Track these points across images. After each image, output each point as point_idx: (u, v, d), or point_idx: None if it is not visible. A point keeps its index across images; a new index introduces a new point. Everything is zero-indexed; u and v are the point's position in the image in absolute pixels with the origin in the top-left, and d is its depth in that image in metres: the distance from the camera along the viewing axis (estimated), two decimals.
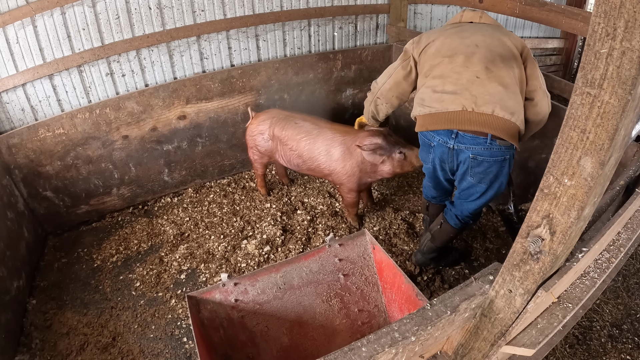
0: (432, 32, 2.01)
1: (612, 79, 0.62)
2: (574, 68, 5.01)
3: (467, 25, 1.97)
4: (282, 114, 2.56)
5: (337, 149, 2.35)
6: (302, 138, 2.42)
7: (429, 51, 1.92)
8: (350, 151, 2.33)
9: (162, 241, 2.59)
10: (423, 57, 1.95)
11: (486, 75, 1.71)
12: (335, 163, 2.37)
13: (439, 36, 1.92)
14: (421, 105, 1.86)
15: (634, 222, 1.34)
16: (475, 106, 1.69)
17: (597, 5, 0.61)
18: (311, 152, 2.41)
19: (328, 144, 2.37)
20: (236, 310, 1.69)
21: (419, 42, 2.00)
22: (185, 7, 2.57)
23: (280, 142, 2.52)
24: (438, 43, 1.90)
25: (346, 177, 2.37)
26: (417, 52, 1.98)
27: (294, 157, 2.50)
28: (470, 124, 1.69)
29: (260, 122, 2.58)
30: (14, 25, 2.17)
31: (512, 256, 0.94)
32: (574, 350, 1.98)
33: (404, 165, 2.29)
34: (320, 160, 2.41)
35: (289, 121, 2.49)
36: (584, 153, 0.71)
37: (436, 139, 1.85)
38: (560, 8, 2.16)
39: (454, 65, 1.79)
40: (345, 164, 2.34)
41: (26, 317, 2.10)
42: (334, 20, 3.17)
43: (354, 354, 0.90)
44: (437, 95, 1.78)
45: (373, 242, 1.84)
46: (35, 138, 2.37)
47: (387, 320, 1.87)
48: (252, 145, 2.66)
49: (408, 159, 2.27)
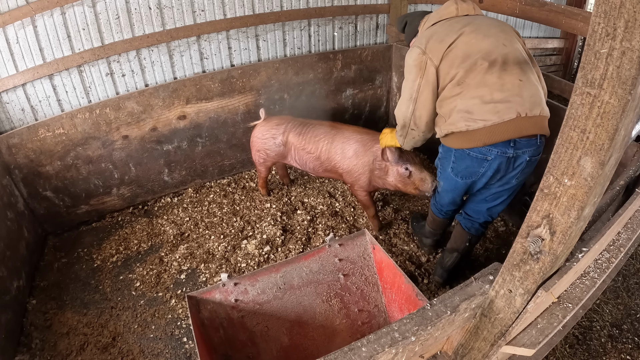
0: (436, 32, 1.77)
1: (612, 79, 0.62)
2: (574, 68, 5.01)
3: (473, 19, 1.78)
4: (297, 120, 2.56)
5: (352, 147, 2.34)
6: (321, 139, 2.43)
7: (453, 55, 1.69)
8: (365, 149, 2.31)
9: (162, 241, 2.59)
10: (445, 63, 1.71)
11: (525, 77, 1.64)
12: (349, 160, 2.36)
13: (454, 37, 1.70)
14: (470, 120, 1.66)
15: (634, 222, 1.34)
16: (529, 111, 1.62)
17: (597, 5, 0.61)
18: (329, 152, 2.41)
19: (344, 141, 2.37)
20: (236, 310, 1.69)
21: (432, 49, 1.73)
22: (185, 7, 2.57)
23: (294, 148, 2.51)
24: (461, 45, 1.68)
25: (357, 174, 2.36)
26: (437, 59, 1.71)
27: (310, 160, 2.50)
28: (527, 129, 1.64)
29: (274, 126, 2.55)
30: (14, 25, 2.17)
31: (512, 256, 0.94)
32: (574, 350, 1.98)
33: (406, 183, 2.19)
34: (336, 159, 2.41)
35: (305, 126, 2.50)
36: (584, 153, 0.71)
37: (494, 152, 1.69)
38: (560, 8, 2.16)
39: (494, 70, 1.64)
40: (358, 162, 2.33)
41: (26, 317, 2.10)
42: (334, 20, 3.17)
43: (354, 354, 0.90)
44: (490, 106, 1.62)
45: (373, 242, 1.84)
46: (35, 138, 2.37)
47: (387, 320, 1.87)
48: (261, 149, 2.61)
49: (412, 178, 2.16)
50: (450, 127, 1.73)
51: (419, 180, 2.14)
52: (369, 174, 2.34)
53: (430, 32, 1.80)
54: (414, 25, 2.03)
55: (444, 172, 1.92)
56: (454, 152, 1.80)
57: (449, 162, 1.86)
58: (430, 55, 1.72)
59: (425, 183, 2.13)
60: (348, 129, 2.43)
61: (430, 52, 1.72)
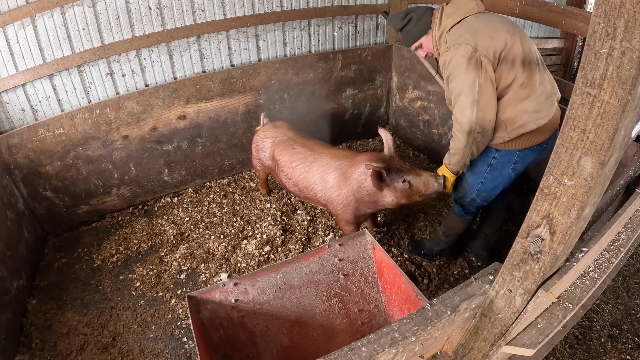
0: (477, 29, 1.66)
1: (612, 79, 0.62)
2: (574, 68, 5.01)
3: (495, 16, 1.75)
4: (285, 134, 2.41)
5: (332, 175, 2.12)
6: (298, 166, 2.24)
7: (511, 56, 1.65)
8: (345, 177, 2.07)
9: (162, 241, 2.59)
10: (505, 63, 1.65)
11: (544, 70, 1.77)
12: (331, 191, 2.13)
13: (503, 35, 1.64)
14: (539, 118, 1.71)
15: (634, 222, 1.34)
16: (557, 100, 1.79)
17: (597, 5, 0.61)
18: (306, 180, 2.20)
19: (323, 170, 2.15)
20: (236, 310, 1.69)
21: (484, 46, 1.63)
22: (185, 7, 2.56)
23: (277, 166, 2.38)
24: (514, 46, 1.65)
25: (341, 207, 2.13)
26: (494, 58, 1.64)
27: (290, 185, 2.34)
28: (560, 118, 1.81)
29: (264, 137, 2.50)
30: (14, 25, 2.17)
31: (512, 256, 0.94)
32: (574, 350, 1.98)
33: (410, 195, 1.95)
34: (316, 188, 2.19)
35: (287, 146, 2.33)
36: (584, 153, 0.71)
37: (550, 142, 1.81)
38: (560, 8, 2.16)
39: (537, 68, 1.70)
40: (341, 192, 2.09)
41: (26, 317, 2.10)
42: (334, 20, 3.17)
43: (354, 354, 0.91)
44: (550, 100, 1.74)
45: (373, 242, 1.84)
46: (35, 138, 2.37)
47: (387, 320, 1.87)
48: (256, 156, 2.62)
49: (414, 187, 1.93)
50: (519, 130, 1.71)
51: (422, 185, 1.93)
52: (355, 204, 2.09)
53: (468, 29, 1.68)
54: (423, 21, 1.84)
55: (499, 175, 1.88)
56: (517, 153, 1.80)
57: (509, 164, 1.83)
58: (484, 52, 1.62)
59: (429, 185, 1.92)
60: (328, 154, 2.20)
61: (483, 49, 1.62)
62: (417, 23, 1.85)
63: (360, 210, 2.13)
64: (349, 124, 3.56)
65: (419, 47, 1.93)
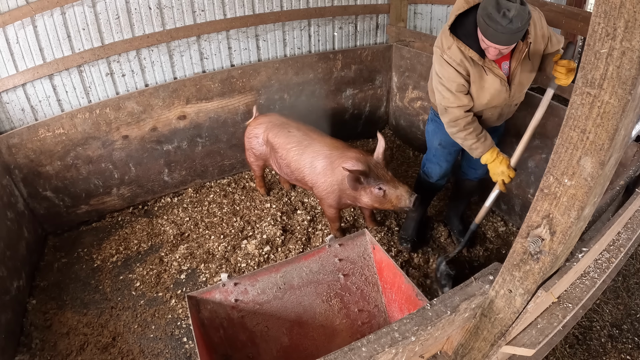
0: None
1: (612, 79, 0.62)
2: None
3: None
4: (279, 120, 2.52)
5: (321, 162, 2.26)
6: (292, 148, 2.36)
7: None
8: (332, 167, 2.21)
9: (162, 241, 2.59)
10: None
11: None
12: (317, 176, 2.28)
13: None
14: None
15: (634, 222, 1.34)
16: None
17: (597, 5, 0.61)
18: (298, 162, 2.34)
19: (313, 156, 2.29)
20: (236, 310, 1.69)
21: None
22: (185, 7, 2.56)
23: (272, 149, 2.48)
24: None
25: (325, 192, 2.27)
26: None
27: (283, 166, 2.45)
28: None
29: (257, 125, 2.57)
30: (14, 25, 2.17)
31: (512, 256, 0.94)
32: (574, 350, 1.98)
33: (383, 202, 2.10)
34: (305, 172, 2.33)
35: (282, 128, 2.44)
36: (584, 153, 0.71)
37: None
38: (560, 8, 2.16)
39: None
40: (326, 179, 2.24)
41: (26, 317, 2.10)
42: (334, 20, 3.17)
43: (354, 354, 0.91)
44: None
45: (373, 242, 1.84)
46: (35, 138, 2.37)
47: (387, 320, 1.87)
48: (248, 147, 2.66)
49: (388, 197, 2.07)
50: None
51: (395, 198, 2.05)
52: (338, 192, 2.23)
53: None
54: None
55: (436, 128, 2.14)
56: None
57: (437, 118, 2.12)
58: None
59: (402, 199, 2.04)
60: (320, 141, 2.32)
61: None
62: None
63: (343, 199, 2.28)
64: (348, 123, 3.56)
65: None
